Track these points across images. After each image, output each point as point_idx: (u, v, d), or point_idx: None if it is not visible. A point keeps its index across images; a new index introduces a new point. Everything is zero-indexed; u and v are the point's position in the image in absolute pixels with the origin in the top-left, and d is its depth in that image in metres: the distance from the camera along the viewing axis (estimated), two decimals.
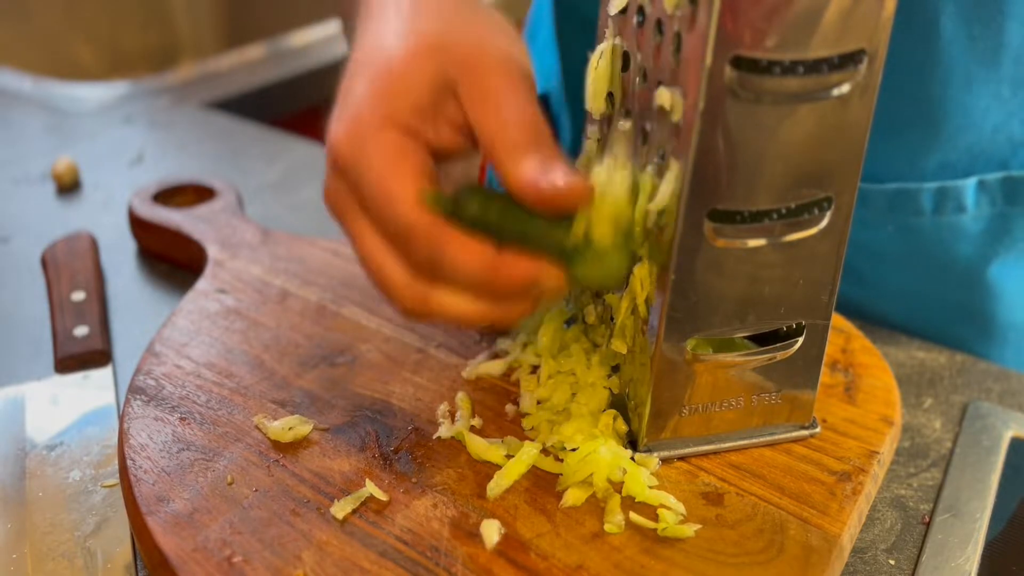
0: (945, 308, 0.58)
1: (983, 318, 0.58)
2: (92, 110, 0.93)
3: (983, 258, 0.56)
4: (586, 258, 0.38)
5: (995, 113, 0.53)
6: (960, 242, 0.55)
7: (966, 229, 0.55)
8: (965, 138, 0.53)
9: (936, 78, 0.52)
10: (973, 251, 0.56)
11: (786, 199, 0.37)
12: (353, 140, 0.37)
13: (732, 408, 0.42)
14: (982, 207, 0.54)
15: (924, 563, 0.41)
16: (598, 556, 0.37)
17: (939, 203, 0.55)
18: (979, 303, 0.57)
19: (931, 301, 0.58)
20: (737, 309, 0.39)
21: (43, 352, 0.55)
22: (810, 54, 0.33)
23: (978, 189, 0.54)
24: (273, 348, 0.49)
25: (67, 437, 0.48)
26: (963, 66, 0.51)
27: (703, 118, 0.34)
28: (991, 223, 0.55)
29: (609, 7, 0.41)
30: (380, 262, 0.38)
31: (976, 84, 0.51)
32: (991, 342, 0.58)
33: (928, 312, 0.58)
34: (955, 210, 0.55)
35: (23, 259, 0.66)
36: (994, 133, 0.53)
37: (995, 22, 0.50)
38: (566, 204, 0.37)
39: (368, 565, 0.37)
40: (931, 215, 0.55)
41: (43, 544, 0.41)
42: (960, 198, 0.54)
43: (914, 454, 0.47)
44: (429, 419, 0.44)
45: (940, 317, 0.58)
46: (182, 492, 0.40)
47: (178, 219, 0.63)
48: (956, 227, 0.55)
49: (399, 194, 0.37)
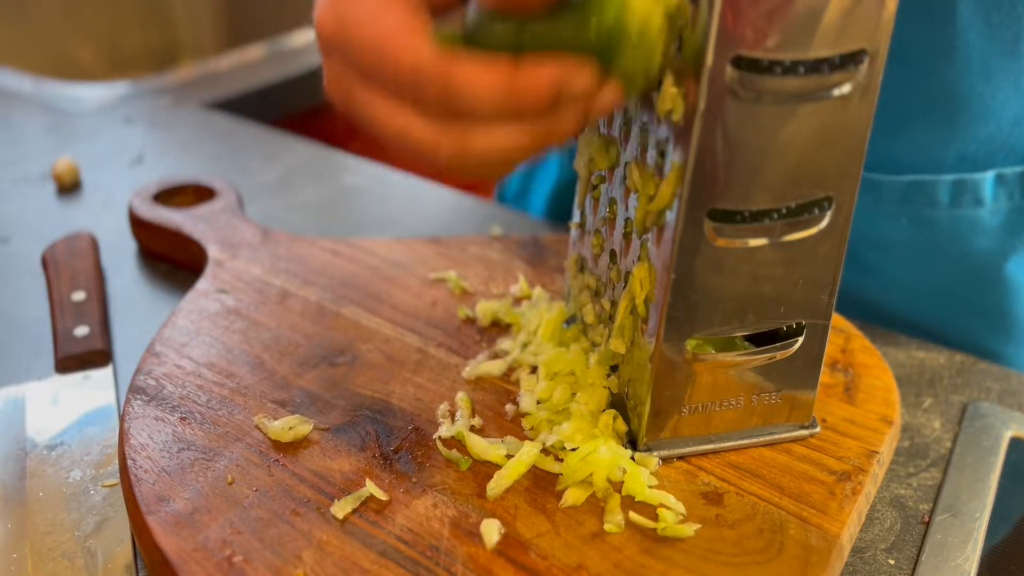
0: (958, 304, 0.57)
1: (998, 314, 0.57)
2: (92, 110, 0.93)
3: (999, 253, 0.55)
4: (623, 47, 0.34)
5: (1014, 104, 0.52)
6: (976, 236, 0.55)
7: (983, 223, 0.54)
8: (984, 129, 0.52)
9: (954, 66, 0.51)
10: (989, 246, 0.55)
11: (786, 199, 0.37)
12: (336, 8, 0.35)
13: (732, 408, 0.42)
14: (1000, 201, 0.54)
15: (924, 563, 0.41)
16: (598, 556, 0.37)
17: (956, 196, 0.54)
18: (994, 299, 0.57)
19: (944, 296, 0.57)
20: (737, 309, 0.39)
21: (43, 352, 0.55)
22: (811, 54, 0.33)
23: (996, 183, 0.53)
24: (273, 348, 0.49)
25: (67, 437, 0.48)
26: (981, 54, 0.50)
27: (703, 118, 0.34)
28: (1009, 217, 0.54)
29: None
30: (402, 124, 0.35)
31: (995, 74, 0.51)
32: (1006, 339, 0.58)
33: (941, 307, 0.58)
34: (972, 203, 0.54)
35: (23, 259, 0.66)
36: (1014, 126, 0.52)
37: (1015, 10, 0.49)
38: None
39: (368, 565, 0.37)
40: (947, 208, 0.54)
41: (43, 544, 0.41)
42: (978, 191, 0.53)
43: (914, 454, 0.47)
44: (429, 419, 0.44)
45: (953, 312, 0.57)
46: (182, 492, 0.40)
47: (178, 219, 0.63)
48: (973, 221, 0.54)
49: (394, 36, 0.34)
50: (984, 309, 0.57)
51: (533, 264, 0.58)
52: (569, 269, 0.50)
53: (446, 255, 0.58)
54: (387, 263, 0.57)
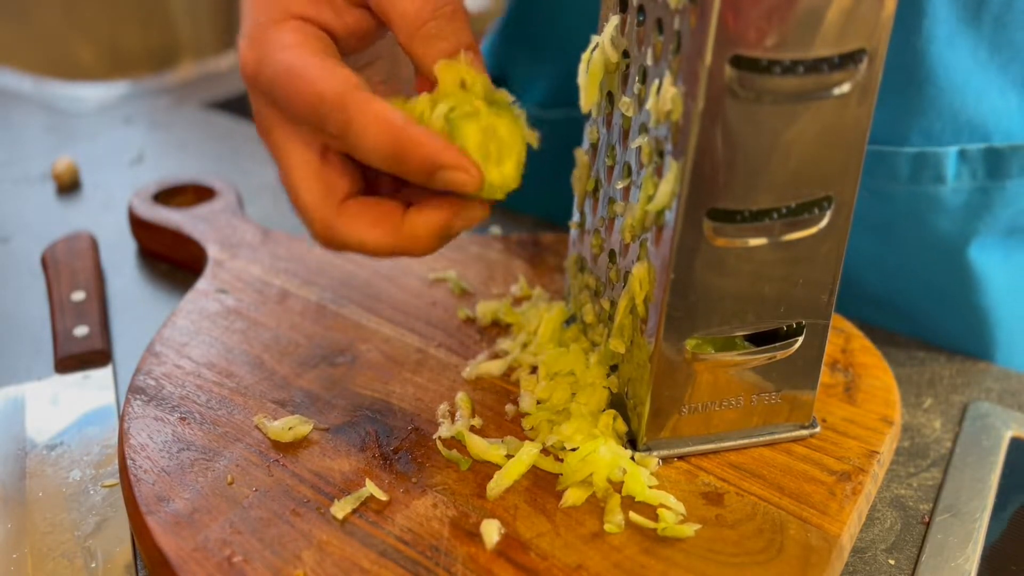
0: (923, 286, 0.56)
1: (961, 303, 0.56)
2: (92, 110, 0.93)
3: (961, 236, 0.54)
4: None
5: (977, 77, 0.51)
6: (937, 216, 0.53)
7: (944, 201, 0.53)
8: (949, 103, 0.51)
9: (921, 32, 0.50)
10: (950, 227, 0.53)
11: (786, 199, 0.37)
12: (255, 46, 0.38)
13: (732, 407, 0.42)
14: (963, 179, 0.52)
15: (924, 563, 0.41)
16: (598, 556, 0.37)
17: (916, 170, 0.52)
18: (956, 287, 0.55)
19: (909, 277, 0.56)
20: (737, 308, 0.39)
21: (43, 352, 0.55)
22: (810, 54, 0.33)
23: (959, 159, 0.52)
24: (273, 348, 0.49)
25: (67, 437, 0.48)
26: (947, 22, 0.49)
27: (702, 117, 0.34)
28: (971, 197, 0.53)
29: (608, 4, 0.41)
30: (297, 180, 0.39)
31: (958, 40, 0.50)
32: (968, 332, 0.56)
33: (907, 288, 0.56)
34: (933, 179, 0.52)
35: (23, 259, 0.66)
36: (977, 101, 0.51)
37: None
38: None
39: (368, 565, 0.37)
40: (907, 182, 0.53)
41: (43, 544, 0.41)
42: (939, 167, 0.52)
43: (914, 454, 0.47)
44: (429, 419, 0.44)
45: (918, 295, 0.56)
46: (182, 492, 0.40)
47: (178, 219, 0.63)
48: (933, 198, 0.53)
49: (304, 68, 0.37)
50: (948, 296, 0.56)
51: (533, 264, 0.58)
52: (569, 269, 0.50)
53: (446, 255, 0.58)
54: (387, 263, 0.57)
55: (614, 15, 0.40)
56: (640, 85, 0.39)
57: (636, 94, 0.39)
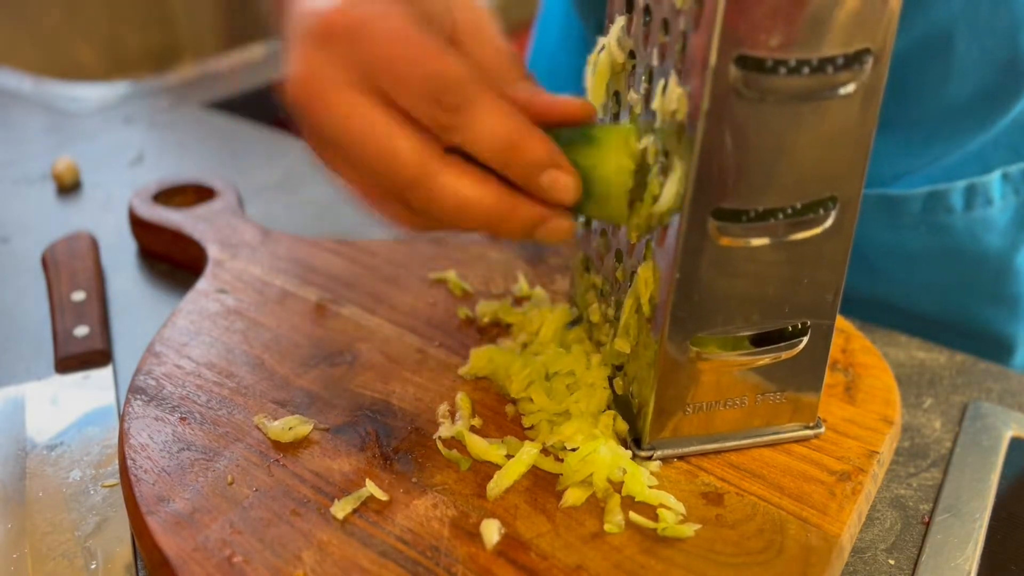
0: (976, 297, 0.61)
1: (1012, 301, 0.61)
2: (92, 110, 0.93)
3: (1011, 247, 0.59)
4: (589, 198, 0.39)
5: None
6: (990, 234, 0.58)
7: (994, 221, 0.58)
8: (985, 135, 0.57)
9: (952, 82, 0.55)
10: (1002, 241, 0.59)
11: (791, 199, 0.37)
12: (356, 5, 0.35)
13: (736, 407, 0.42)
14: (1007, 198, 0.57)
15: (924, 563, 0.41)
16: (598, 556, 0.37)
17: (969, 199, 0.57)
18: (1008, 288, 0.60)
19: (962, 292, 0.61)
20: (741, 308, 0.39)
21: (43, 352, 0.55)
22: (815, 54, 0.33)
23: (1003, 181, 0.57)
24: (273, 348, 0.49)
25: (67, 437, 0.48)
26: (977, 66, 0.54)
27: (707, 117, 0.34)
28: (1017, 212, 0.58)
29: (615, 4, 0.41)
30: (386, 130, 0.35)
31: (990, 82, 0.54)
32: (1020, 322, 0.62)
33: (959, 303, 0.61)
34: (984, 204, 0.58)
35: (23, 259, 0.66)
36: (1010, 126, 0.56)
37: (1001, 18, 0.53)
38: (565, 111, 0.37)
39: (368, 565, 0.37)
40: (962, 212, 0.58)
41: (43, 544, 0.41)
42: (988, 192, 0.57)
43: (914, 454, 0.47)
44: (429, 419, 0.44)
45: (972, 306, 0.61)
46: (182, 492, 0.40)
47: (178, 219, 0.63)
48: (985, 220, 0.58)
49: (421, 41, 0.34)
50: (1000, 298, 0.61)
51: (533, 264, 0.58)
52: (575, 269, 0.50)
53: (446, 255, 0.58)
54: (387, 263, 0.57)
55: (620, 15, 0.41)
56: (646, 85, 0.39)
57: (642, 94, 0.39)
